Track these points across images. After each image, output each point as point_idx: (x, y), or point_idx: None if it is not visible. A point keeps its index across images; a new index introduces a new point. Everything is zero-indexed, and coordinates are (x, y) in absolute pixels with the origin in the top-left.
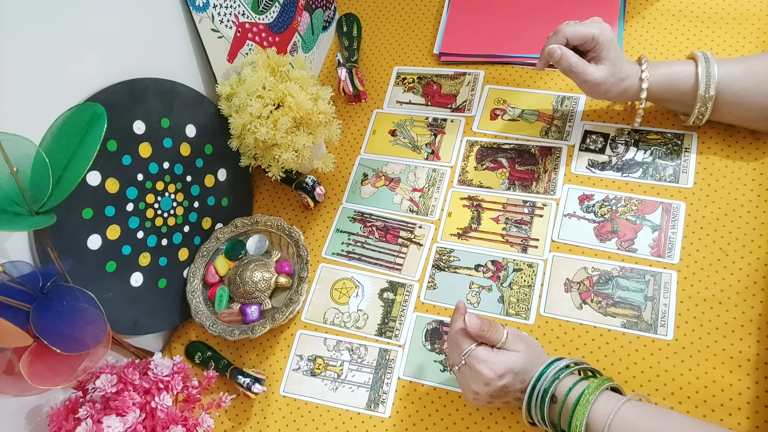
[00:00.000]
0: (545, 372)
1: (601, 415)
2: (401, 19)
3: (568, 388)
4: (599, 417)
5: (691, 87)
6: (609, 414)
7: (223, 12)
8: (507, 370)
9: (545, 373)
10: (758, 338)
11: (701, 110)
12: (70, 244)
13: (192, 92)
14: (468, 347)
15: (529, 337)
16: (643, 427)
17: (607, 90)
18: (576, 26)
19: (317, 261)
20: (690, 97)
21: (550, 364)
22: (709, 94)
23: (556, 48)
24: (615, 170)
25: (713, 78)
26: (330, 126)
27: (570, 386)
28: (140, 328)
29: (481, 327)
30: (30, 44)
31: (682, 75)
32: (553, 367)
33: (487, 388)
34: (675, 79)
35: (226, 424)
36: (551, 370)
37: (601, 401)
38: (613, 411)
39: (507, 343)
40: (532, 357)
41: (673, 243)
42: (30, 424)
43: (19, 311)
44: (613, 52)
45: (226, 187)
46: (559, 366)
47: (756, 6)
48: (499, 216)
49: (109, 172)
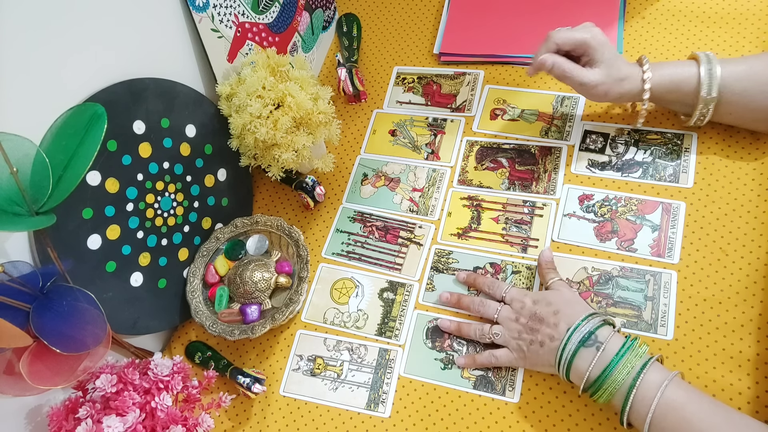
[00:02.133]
0: (584, 322)
1: (647, 397)
2: (401, 19)
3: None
4: (644, 399)
5: (693, 88)
6: (653, 397)
7: (223, 12)
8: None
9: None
10: (758, 338)
11: (703, 111)
12: (70, 244)
13: (192, 92)
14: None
15: (565, 291)
16: (689, 414)
17: (606, 92)
18: (566, 32)
19: (317, 261)
20: (692, 98)
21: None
22: (711, 95)
23: (547, 57)
24: (615, 170)
25: (715, 79)
26: (330, 126)
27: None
28: (140, 328)
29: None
30: (30, 44)
31: (684, 76)
32: (592, 317)
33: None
34: (677, 81)
35: (226, 424)
36: (590, 320)
37: (648, 377)
38: (659, 392)
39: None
40: (577, 296)
41: (673, 243)
42: (30, 424)
43: (19, 311)
44: (607, 54)
45: (226, 187)
46: (596, 321)
47: (756, 6)
48: (499, 216)
49: (109, 172)
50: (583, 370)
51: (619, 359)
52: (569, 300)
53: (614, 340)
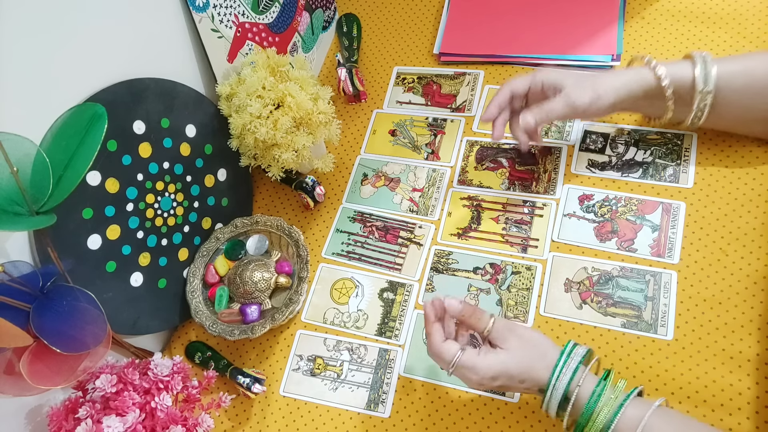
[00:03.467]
0: (555, 382)
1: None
2: (401, 19)
3: (585, 401)
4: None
5: (689, 83)
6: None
7: (223, 12)
8: (498, 373)
9: (556, 384)
10: (758, 338)
11: (700, 106)
12: (70, 244)
13: (192, 92)
14: (453, 358)
15: (529, 333)
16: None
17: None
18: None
19: (317, 261)
20: (688, 93)
21: (557, 367)
22: (708, 88)
23: (530, 120)
24: (615, 170)
25: (711, 73)
26: (330, 126)
27: (587, 400)
28: (140, 328)
29: (462, 311)
30: (30, 44)
31: (681, 72)
32: (563, 374)
33: (484, 387)
34: (675, 79)
35: (226, 424)
36: (562, 376)
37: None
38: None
39: (494, 334)
40: (533, 357)
41: (673, 243)
42: (30, 424)
43: (19, 311)
44: (571, 79)
45: (226, 187)
46: (569, 373)
47: (756, 6)
48: (499, 216)
49: (109, 172)
50: (561, 417)
51: (596, 403)
52: (529, 359)
53: (587, 382)
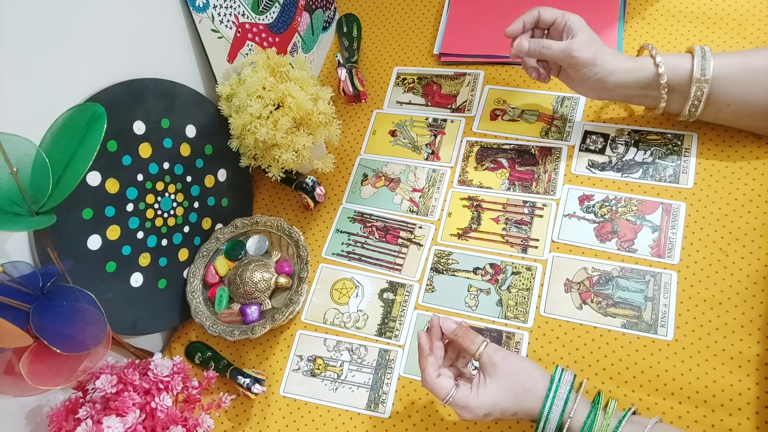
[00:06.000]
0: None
1: None
2: (401, 19)
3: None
4: None
5: (687, 72)
6: None
7: (223, 12)
8: (491, 409)
9: (549, 416)
10: (758, 338)
11: (697, 95)
12: (70, 245)
13: (192, 92)
14: (447, 395)
15: (518, 363)
16: None
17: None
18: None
19: (317, 261)
20: (686, 82)
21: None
22: (705, 76)
23: (525, 44)
24: (615, 170)
25: (709, 64)
26: (330, 126)
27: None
28: (140, 328)
29: (457, 332)
30: (30, 44)
31: (679, 62)
32: (555, 405)
33: (479, 421)
34: (673, 66)
35: (226, 424)
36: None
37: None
38: None
39: (484, 359)
40: (523, 387)
41: (673, 243)
42: (30, 424)
43: (19, 311)
44: (585, 36)
45: (226, 187)
46: (560, 404)
47: (756, 6)
48: (499, 216)
49: (109, 173)
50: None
51: (590, 427)
52: (519, 389)
53: (578, 412)
